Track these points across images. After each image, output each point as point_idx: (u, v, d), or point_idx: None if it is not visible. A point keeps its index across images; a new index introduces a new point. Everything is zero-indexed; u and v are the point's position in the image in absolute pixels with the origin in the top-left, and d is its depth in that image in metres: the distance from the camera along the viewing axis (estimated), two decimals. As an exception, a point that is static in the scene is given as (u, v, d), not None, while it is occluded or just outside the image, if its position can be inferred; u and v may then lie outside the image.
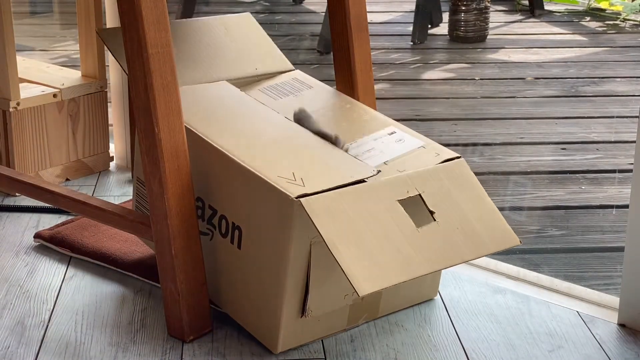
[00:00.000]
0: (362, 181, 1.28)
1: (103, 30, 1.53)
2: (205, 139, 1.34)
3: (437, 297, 1.47)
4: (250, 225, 1.30)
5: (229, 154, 1.31)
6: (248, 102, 1.45)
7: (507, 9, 3.90)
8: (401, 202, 1.28)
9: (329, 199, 1.24)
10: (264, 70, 1.55)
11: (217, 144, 1.33)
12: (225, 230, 1.33)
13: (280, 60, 1.58)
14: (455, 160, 1.36)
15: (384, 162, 1.33)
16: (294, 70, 1.57)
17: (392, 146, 1.38)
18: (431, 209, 1.29)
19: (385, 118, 1.46)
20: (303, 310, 1.29)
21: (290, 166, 1.29)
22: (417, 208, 1.29)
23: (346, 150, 1.35)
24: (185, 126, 1.33)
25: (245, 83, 1.52)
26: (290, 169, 1.28)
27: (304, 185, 1.25)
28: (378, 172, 1.30)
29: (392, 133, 1.41)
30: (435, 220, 1.29)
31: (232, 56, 1.54)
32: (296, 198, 1.22)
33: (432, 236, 1.27)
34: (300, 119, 1.40)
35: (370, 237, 1.23)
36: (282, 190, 1.24)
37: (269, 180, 1.26)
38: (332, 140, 1.36)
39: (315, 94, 1.51)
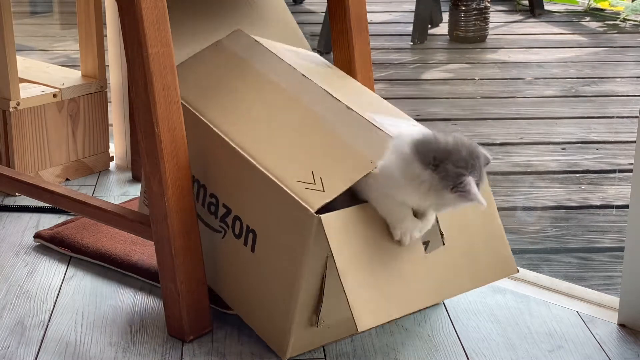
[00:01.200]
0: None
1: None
2: (220, 132, 1.32)
3: (437, 297, 1.48)
4: (266, 231, 1.28)
5: (243, 153, 1.29)
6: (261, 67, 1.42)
7: (507, 9, 3.90)
8: None
9: (347, 217, 1.22)
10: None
11: (229, 137, 1.31)
12: (239, 232, 1.32)
13: (301, 41, 1.56)
14: None
15: None
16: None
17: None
18: (442, 231, 1.29)
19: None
20: (316, 320, 1.28)
21: (307, 160, 1.27)
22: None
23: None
24: (190, 109, 1.31)
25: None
26: (308, 166, 1.26)
27: (324, 190, 1.23)
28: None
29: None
30: (444, 244, 1.29)
31: (257, 25, 1.53)
32: (316, 213, 1.20)
33: (438, 264, 1.28)
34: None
35: (379, 263, 1.23)
36: (303, 203, 1.22)
37: (288, 190, 1.24)
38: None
39: (335, 72, 1.48)
